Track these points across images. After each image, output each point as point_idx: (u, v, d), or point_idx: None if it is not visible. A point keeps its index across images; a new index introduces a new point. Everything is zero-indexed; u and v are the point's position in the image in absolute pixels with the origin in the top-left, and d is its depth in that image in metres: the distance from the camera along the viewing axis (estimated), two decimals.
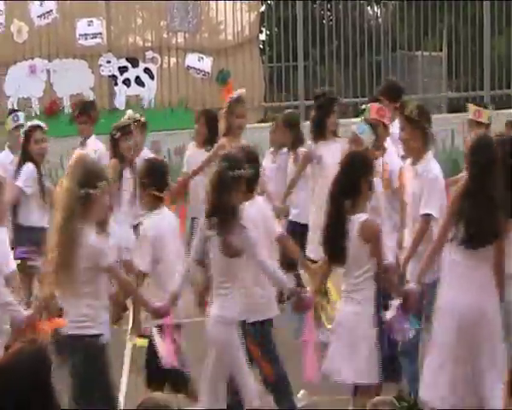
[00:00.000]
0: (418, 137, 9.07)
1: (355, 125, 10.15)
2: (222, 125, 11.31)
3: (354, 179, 8.06)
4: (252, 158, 8.49)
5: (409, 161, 9.33)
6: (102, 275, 7.63)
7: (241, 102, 11.49)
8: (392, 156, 9.92)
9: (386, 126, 9.89)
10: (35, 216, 10.95)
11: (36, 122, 11.65)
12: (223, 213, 7.81)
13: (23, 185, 10.94)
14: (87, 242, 7.37)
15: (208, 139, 12.09)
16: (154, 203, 8.78)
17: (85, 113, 12.41)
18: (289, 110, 13.37)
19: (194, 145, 12.77)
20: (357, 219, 7.97)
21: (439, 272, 8.23)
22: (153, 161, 9.43)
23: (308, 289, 8.54)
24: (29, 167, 11.05)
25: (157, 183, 8.78)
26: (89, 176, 7.47)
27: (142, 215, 9.32)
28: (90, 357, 7.60)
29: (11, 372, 4.74)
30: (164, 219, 8.78)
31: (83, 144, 11.86)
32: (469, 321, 7.83)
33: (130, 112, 12.15)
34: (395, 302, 8.00)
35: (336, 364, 7.95)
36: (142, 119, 12.03)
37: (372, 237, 7.97)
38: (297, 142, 12.25)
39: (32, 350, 4.91)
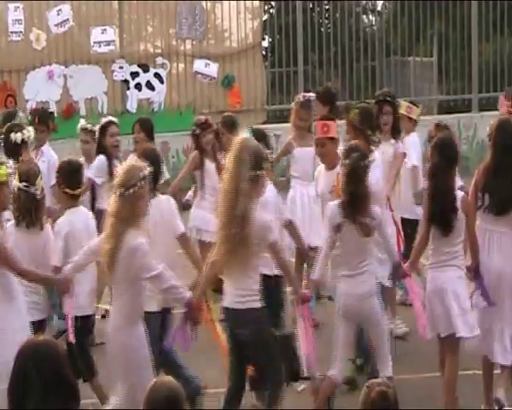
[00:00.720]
0: (361, 142, 8.69)
1: None
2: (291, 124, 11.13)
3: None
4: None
5: None
6: (264, 250, 7.75)
7: (306, 106, 11.09)
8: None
9: (333, 139, 9.18)
10: (104, 204, 10.90)
11: (110, 118, 11.49)
12: (361, 199, 7.88)
13: (94, 176, 10.93)
14: (256, 218, 7.46)
15: None
16: (69, 201, 8.68)
17: (45, 122, 12.07)
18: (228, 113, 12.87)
19: None
20: (459, 195, 8.18)
21: None
22: (66, 161, 9.29)
23: None
24: (101, 159, 10.99)
25: (68, 182, 8.67)
26: (256, 158, 7.55)
27: None
28: (262, 327, 7.74)
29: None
30: (78, 217, 8.68)
31: (37, 152, 11.49)
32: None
33: (82, 121, 11.92)
34: None
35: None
36: (95, 128, 11.47)
37: (469, 210, 8.14)
38: None
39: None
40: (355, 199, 7.80)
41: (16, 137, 10.09)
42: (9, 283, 7.60)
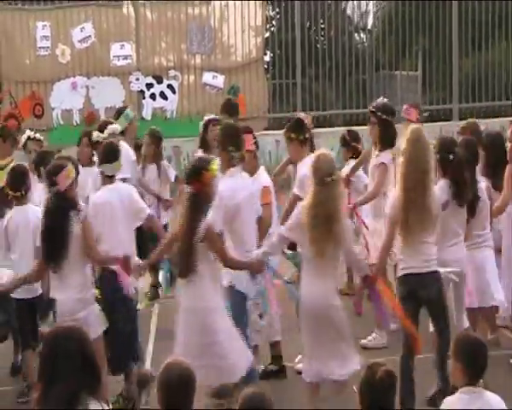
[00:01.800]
0: (224, 159, 8.08)
1: None
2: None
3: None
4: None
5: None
6: None
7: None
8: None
9: (250, 151, 8.69)
10: None
11: (212, 115, 11.19)
12: (468, 185, 8.05)
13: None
14: None
15: None
16: (15, 201, 8.75)
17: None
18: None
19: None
20: (481, 185, 8.51)
21: None
22: (14, 167, 9.44)
23: None
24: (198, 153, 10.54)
25: (11, 184, 8.80)
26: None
27: None
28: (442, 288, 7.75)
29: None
30: (19, 215, 8.68)
31: None
32: None
33: (27, 131, 11.44)
34: None
35: None
36: (37, 135, 11.27)
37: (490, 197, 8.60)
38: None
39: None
40: (465, 187, 8.09)
41: None
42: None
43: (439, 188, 7.92)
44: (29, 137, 10.84)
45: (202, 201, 7.25)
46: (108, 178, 8.43)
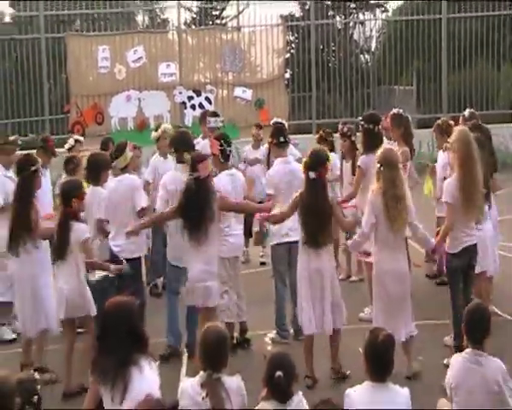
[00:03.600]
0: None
1: None
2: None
3: None
4: None
5: None
6: None
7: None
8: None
9: (215, 155, 8.08)
10: None
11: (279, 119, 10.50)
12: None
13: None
14: None
15: None
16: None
17: None
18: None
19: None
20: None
21: None
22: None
23: None
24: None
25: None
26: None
27: None
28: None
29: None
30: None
31: None
32: None
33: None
34: None
35: None
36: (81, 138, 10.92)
37: None
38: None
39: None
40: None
41: None
42: None
43: None
44: (76, 140, 10.48)
45: None
46: None
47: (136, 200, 8.02)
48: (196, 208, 7.09)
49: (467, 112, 10.14)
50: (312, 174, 7.10)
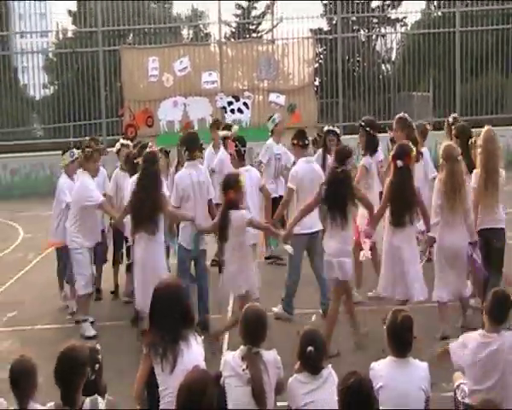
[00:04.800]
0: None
1: None
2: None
3: None
4: None
5: None
6: None
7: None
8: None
9: (231, 155, 8.66)
10: None
11: (331, 127, 10.30)
12: None
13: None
14: None
15: None
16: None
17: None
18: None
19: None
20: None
21: None
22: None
23: None
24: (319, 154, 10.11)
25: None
26: None
27: None
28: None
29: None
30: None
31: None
32: None
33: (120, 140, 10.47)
34: None
35: None
36: (129, 142, 10.32)
37: None
38: None
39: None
40: None
41: None
42: None
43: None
44: (122, 144, 10.00)
45: None
46: None
47: None
48: (340, 196, 7.19)
49: (451, 117, 10.31)
50: (400, 163, 7.23)
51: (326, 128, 10.40)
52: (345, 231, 7.19)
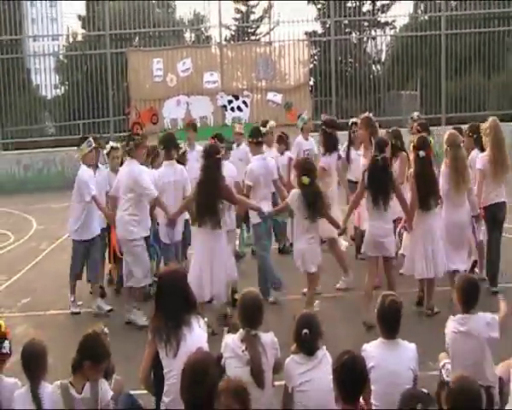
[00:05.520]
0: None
1: None
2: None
3: None
4: None
5: None
6: None
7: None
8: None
9: None
10: None
11: (355, 119, 10.22)
12: None
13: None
14: None
15: None
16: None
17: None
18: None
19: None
20: None
21: None
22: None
23: None
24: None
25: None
26: None
27: None
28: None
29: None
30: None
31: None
32: None
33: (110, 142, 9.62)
34: None
35: None
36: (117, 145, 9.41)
37: None
38: None
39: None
40: None
41: None
42: None
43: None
44: (112, 147, 9.13)
45: None
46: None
47: None
48: (382, 181, 7.44)
49: (415, 115, 10.99)
50: (422, 153, 7.57)
51: (351, 120, 10.45)
52: (387, 212, 7.44)
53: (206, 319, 4.94)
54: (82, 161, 8.49)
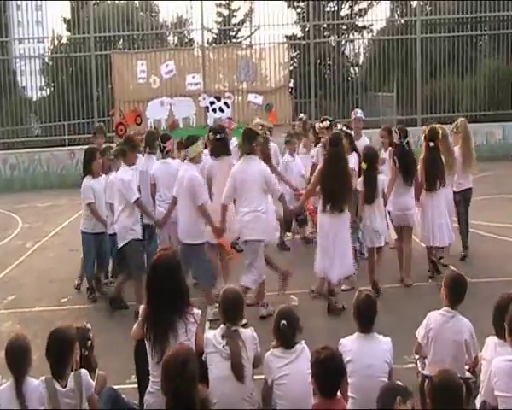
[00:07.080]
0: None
1: None
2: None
3: None
4: None
5: None
6: None
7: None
8: None
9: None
10: None
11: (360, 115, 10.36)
12: None
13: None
14: None
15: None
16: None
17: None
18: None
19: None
20: None
21: None
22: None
23: None
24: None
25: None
26: None
27: None
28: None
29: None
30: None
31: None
32: None
33: None
34: None
35: None
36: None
37: None
38: None
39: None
40: None
41: None
42: None
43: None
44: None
45: None
46: None
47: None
48: (409, 162, 8.52)
49: (304, 116, 12.22)
50: (432, 143, 8.58)
51: (354, 115, 10.57)
52: (412, 187, 8.56)
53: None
54: (192, 161, 7.80)
